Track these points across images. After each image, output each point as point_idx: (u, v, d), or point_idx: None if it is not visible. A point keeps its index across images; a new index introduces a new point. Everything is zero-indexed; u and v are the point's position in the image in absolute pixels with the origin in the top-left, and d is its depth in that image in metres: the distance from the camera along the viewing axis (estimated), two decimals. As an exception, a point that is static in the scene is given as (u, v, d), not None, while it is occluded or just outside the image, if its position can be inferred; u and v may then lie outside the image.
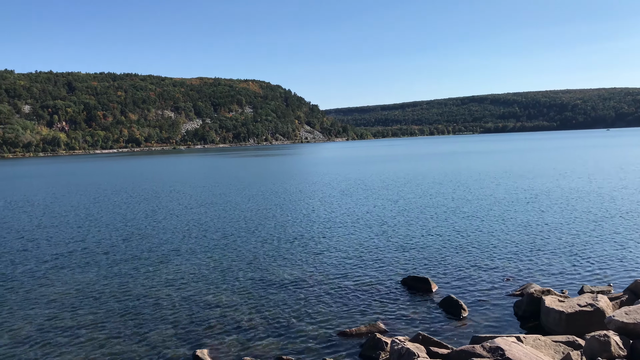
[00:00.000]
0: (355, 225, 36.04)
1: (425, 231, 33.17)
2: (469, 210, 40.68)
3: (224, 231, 35.55)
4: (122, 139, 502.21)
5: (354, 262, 25.92)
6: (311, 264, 25.95)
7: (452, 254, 27.02)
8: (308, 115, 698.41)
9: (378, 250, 28.46)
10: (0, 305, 20.88)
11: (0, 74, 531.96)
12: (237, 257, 27.80)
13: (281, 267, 25.42)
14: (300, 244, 30.74)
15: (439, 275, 23.15)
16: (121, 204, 53.69)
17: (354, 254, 27.77)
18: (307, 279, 23.22)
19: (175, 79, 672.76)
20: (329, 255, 27.65)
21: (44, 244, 33.22)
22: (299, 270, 24.75)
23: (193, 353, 15.44)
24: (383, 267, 24.83)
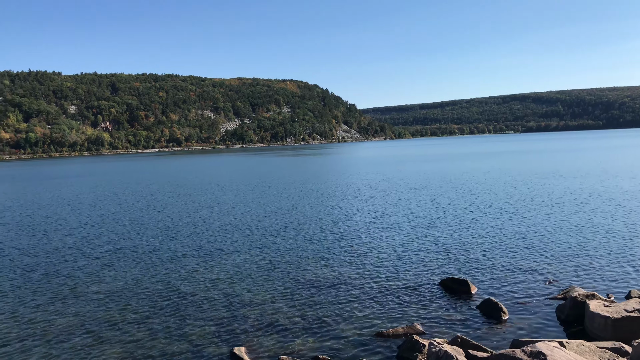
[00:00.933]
0: (394, 226, 35.77)
1: (465, 232, 32.65)
2: (510, 211, 39.82)
3: (265, 230, 35.86)
4: (164, 138, 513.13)
5: (392, 263, 25.74)
6: (349, 264, 25.90)
7: (493, 255, 26.50)
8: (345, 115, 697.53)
9: (416, 251, 28.18)
10: (51, 300, 21.65)
11: (48, 75, 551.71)
12: (276, 256, 27.99)
13: (319, 267, 25.46)
14: (338, 244, 30.73)
15: (478, 277, 22.75)
16: (166, 202, 54.85)
17: (392, 254, 27.58)
18: (345, 279, 23.19)
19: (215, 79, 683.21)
20: (366, 255, 27.54)
21: (92, 241, 34.25)
22: (336, 270, 24.74)
23: (231, 350, 15.62)
24: (421, 268, 24.57)
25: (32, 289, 23.24)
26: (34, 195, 68.94)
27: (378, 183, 67.62)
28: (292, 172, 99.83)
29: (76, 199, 61.53)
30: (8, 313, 20.16)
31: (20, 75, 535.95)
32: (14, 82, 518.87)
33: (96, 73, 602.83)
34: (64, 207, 53.43)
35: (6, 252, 31.39)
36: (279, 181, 76.51)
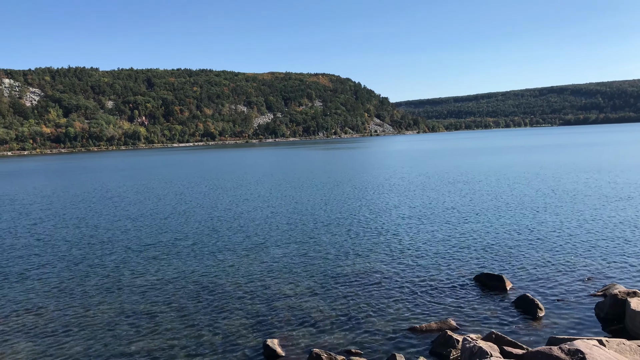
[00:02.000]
0: (428, 220, 35.45)
1: (502, 227, 32.11)
2: (549, 206, 38.97)
3: (300, 224, 36.03)
4: (198, 133, 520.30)
5: (426, 258, 25.54)
6: (382, 258, 25.82)
7: (529, 251, 26.00)
8: (378, 108, 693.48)
9: (451, 246, 27.88)
10: (93, 291, 22.28)
11: (87, 71, 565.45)
12: (310, 250, 28.12)
13: (352, 261, 25.46)
14: (372, 238, 30.65)
15: (514, 273, 22.36)
16: (205, 196, 55.66)
17: (426, 249, 27.36)
18: (378, 274, 23.13)
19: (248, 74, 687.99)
20: (400, 250, 27.40)
21: (135, 234, 35.07)
22: (370, 265, 24.69)
23: (264, 342, 15.78)
24: (455, 263, 24.30)
25: (77, 281, 23.95)
26: (78, 189, 70.90)
27: (413, 177, 67.06)
28: (326, 165, 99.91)
29: (119, 193, 63.03)
30: (55, 303, 20.84)
31: (60, 71, 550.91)
32: (54, 79, 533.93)
33: (132, 68, 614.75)
34: (107, 201, 54.81)
35: (54, 244, 32.42)
36: (314, 175, 76.68)
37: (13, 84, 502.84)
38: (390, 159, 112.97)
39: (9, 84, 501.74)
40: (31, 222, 41.39)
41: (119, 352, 15.95)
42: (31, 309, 20.14)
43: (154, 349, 16.08)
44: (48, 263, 27.36)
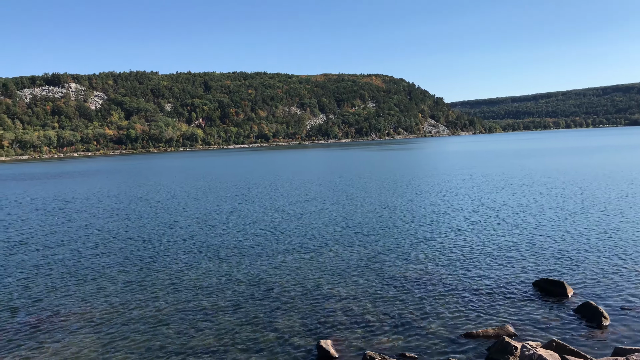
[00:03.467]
0: (488, 223, 34.61)
1: (563, 231, 30.94)
2: (613, 210, 37.23)
3: (352, 226, 36.00)
4: (252, 134, 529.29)
5: (483, 261, 24.94)
6: (438, 261, 25.42)
7: (593, 256, 24.92)
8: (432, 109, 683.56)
9: (510, 249, 27.09)
10: (157, 288, 23.07)
11: (147, 75, 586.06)
12: (363, 252, 28.03)
13: (408, 264, 25.19)
14: (429, 240, 30.23)
15: (575, 280, 21.49)
16: (264, 197, 56.53)
17: (483, 252, 26.72)
18: (434, 277, 22.77)
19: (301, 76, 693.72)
20: (457, 253, 26.88)
21: (191, 232, 36.08)
22: (425, 268, 24.36)
23: (317, 343, 15.83)
24: (514, 268, 23.59)
25: (142, 278, 24.84)
26: (144, 189, 73.60)
27: (473, 179, 65.59)
28: (382, 166, 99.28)
29: (182, 193, 64.96)
30: (120, 299, 21.70)
31: (122, 75, 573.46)
32: (117, 82, 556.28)
33: (190, 72, 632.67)
34: (172, 201, 56.60)
35: (122, 242, 33.77)
36: (370, 176, 76.36)
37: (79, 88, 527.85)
38: (448, 160, 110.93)
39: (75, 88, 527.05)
40: (101, 221, 43.25)
41: (179, 347, 16.42)
42: (99, 303, 21.03)
43: (211, 346, 16.46)
44: (116, 261, 28.50)
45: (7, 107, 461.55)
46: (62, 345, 16.90)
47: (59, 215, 47.18)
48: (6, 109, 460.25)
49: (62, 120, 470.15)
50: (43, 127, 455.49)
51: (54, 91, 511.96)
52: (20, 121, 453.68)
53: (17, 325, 18.88)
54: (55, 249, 31.54)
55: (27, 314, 20.01)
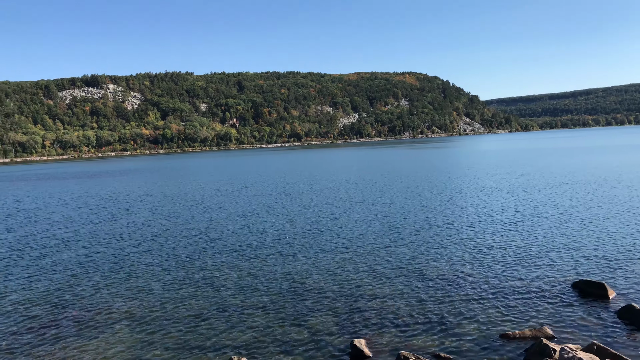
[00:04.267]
0: (525, 222, 33.90)
1: (604, 232, 30.04)
2: (654, 210, 35.95)
3: (388, 226, 35.79)
4: (285, 133, 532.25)
5: (521, 261, 24.44)
6: (475, 261, 25.04)
7: (636, 258, 24.11)
8: (467, 107, 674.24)
9: (548, 250, 26.47)
10: (191, 284, 23.46)
11: (182, 76, 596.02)
12: (399, 251, 27.85)
13: (443, 264, 24.90)
14: (465, 239, 29.82)
15: (617, 281, 20.83)
16: (295, 194, 56.84)
17: (521, 252, 26.18)
18: (469, 277, 22.44)
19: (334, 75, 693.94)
20: (493, 253, 26.42)
21: (228, 230, 36.53)
22: (460, 267, 24.03)
23: (351, 342, 15.79)
24: (552, 269, 23.04)
25: (177, 274, 25.29)
26: (181, 188, 74.94)
27: (509, 177, 64.34)
28: (417, 165, 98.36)
29: (219, 192, 65.89)
30: (156, 294, 22.15)
31: (158, 76, 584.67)
32: (153, 83, 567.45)
33: (224, 72, 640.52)
34: (210, 199, 57.45)
35: (157, 239, 34.48)
36: (405, 174, 75.77)
37: (117, 89, 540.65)
38: (485, 159, 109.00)
39: (113, 89, 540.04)
40: (142, 219, 44.18)
41: (216, 344, 16.65)
42: (139, 301, 21.50)
43: (247, 343, 16.62)
44: (157, 259, 29.09)
45: (49, 108, 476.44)
46: (104, 341, 17.34)
47: (101, 213, 48.44)
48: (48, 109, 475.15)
49: (101, 121, 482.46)
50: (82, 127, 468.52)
51: (92, 92, 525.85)
52: (60, 122, 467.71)
53: (62, 321, 19.47)
54: (98, 247, 32.39)
55: (70, 310, 20.61)
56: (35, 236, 37.22)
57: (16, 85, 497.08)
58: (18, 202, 62.34)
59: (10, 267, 28.08)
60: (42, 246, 33.41)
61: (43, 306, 21.10)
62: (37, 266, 27.91)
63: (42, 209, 53.74)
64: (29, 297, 22.48)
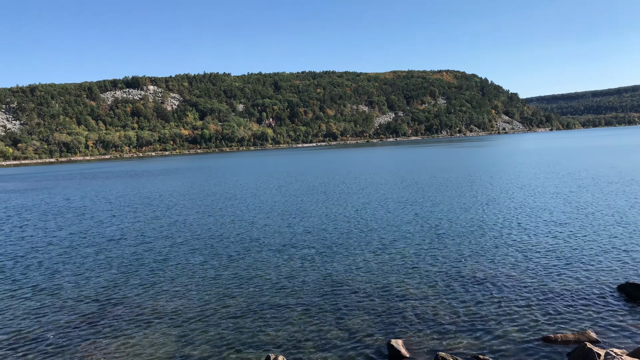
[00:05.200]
0: (570, 223, 33.03)
1: (648, 233, 28.99)
2: None
3: (429, 226, 35.47)
4: (321, 133, 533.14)
5: (565, 263, 23.85)
6: (517, 262, 24.57)
7: (684, 260, 23.19)
8: (506, 105, 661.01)
9: (593, 251, 25.73)
10: (231, 283, 23.83)
11: (220, 77, 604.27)
12: (439, 252, 27.57)
13: (484, 264, 24.54)
14: (507, 240, 29.28)
15: (665, 285, 20.06)
16: (335, 194, 56.93)
17: (565, 253, 25.55)
18: (509, 278, 22.04)
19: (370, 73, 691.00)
20: (536, 254, 25.85)
21: (265, 231, 36.93)
22: (500, 268, 23.63)
23: (388, 342, 15.75)
24: (597, 271, 22.39)
25: (217, 273, 25.72)
26: (222, 187, 76.15)
27: (554, 176, 62.74)
28: (456, 165, 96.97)
29: (256, 190, 66.68)
30: (197, 292, 22.60)
31: (197, 77, 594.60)
32: (192, 84, 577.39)
33: (261, 73, 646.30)
34: (247, 198, 58.21)
35: (199, 238, 35.13)
36: (444, 175, 74.90)
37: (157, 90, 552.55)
38: (528, 158, 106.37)
39: (153, 90, 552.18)
40: (185, 218, 45.06)
41: (251, 340, 16.88)
42: (180, 298, 21.98)
43: (284, 341, 16.79)
44: (199, 258, 29.66)
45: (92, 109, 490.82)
46: (146, 337, 17.81)
47: (146, 212, 49.55)
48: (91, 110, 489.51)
49: (141, 121, 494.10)
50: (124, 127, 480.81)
51: (133, 93, 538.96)
52: (103, 122, 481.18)
53: (107, 317, 20.08)
54: (143, 246, 33.11)
55: (115, 307, 21.22)
56: (84, 234, 38.40)
57: (61, 87, 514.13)
58: (67, 201, 64.43)
59: (60, 264, 29.11)
60: (90, 244, 34.47)
61: (90, 302, 21.79)
62: (85, 264, 28.83)
63: (89, 208, 55.41)
64: (78, 293, 23.25)
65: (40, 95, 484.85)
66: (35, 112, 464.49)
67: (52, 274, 26.80)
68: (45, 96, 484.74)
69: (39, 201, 66.48)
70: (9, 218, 50.21)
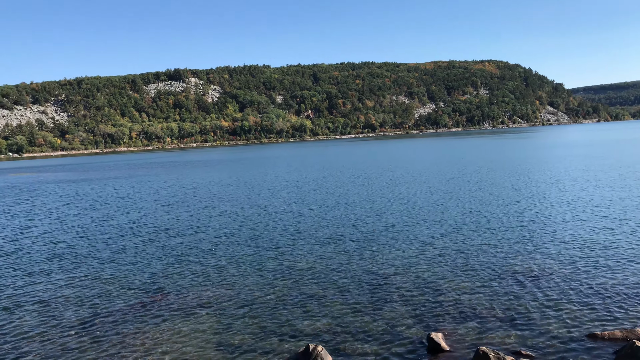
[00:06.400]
0: (620, 216, 31.90)
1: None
2: None
3: (471, 219, 34.95)
4: (359, 124, 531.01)
5: (613, 258, 23.05)
6: (562, 256, 23.90)
7: None
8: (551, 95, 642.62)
9: None
10: (270, 272, 24.12)
11: (259, 69, 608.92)
12: (481, 245, 27.13)
13: (529, 257, 23.99)
14: (553, 233, 28.51)
15: None
16: (379, 186, 56.80)
17: (613, 248, 24.69)
18: (556, 273, 21.46)
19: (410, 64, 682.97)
20: (583, 248, 25.07)
21: (307, 221, 37.15)
22: (543, 262, 23.06)
23: (428, 335, 15.62)
24: (645, 267, 21.59)
25: (259, 262, 26.05)
26: (262, 177, 77.04)
27: (605, 169, 60.65)
28: (499, 157, 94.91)
29: (300, 181, 67.15)
30: (236, 280, 22.97)
31: (237, 69, 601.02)
32: (232, 76, 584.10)
33: (300, 64, 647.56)
34: (291, 189, 58.68)
35: (245, 229, 35.67)
36: (488, 167, 73.56)
37: (198, 83, 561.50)
38: (576, 149, 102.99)
39: (194, 82, 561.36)
40: (231, 208, 45.78)
41: (290, 330, 17.04)
42: (220, 286, 22.39)
43: (321, 330, 16.89)
44: (240, 246, 30.13)
45: (135, 101, 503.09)
46: (188, 325, 18.21)
47: (192, 202, 50.40)
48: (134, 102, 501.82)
49: (183, 113, 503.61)
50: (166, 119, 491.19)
51: (175, 86, 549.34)
52: (146, 114, 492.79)
53: (152, 304, 20.64)
54: (190, 237, 33.56)
55: (160, 294, 21.79)
56: (134, 224, 39.27)
57: (106, 79, 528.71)
58: (115, 191, 66.23)
59: (111, 253, 30.06)
60: (139, 234, 35.27)
61: (137, 290, 22.41)
62: (135, 253, 29.55)
63: (137, 198, 56.76)
64: (126, 281, 23.96)
65: (86, 88, 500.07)
66: (82, 104, 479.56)
67: (103, 262, 27.64)
68: (91, 89, 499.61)
69: (90, 191, 68.73)
70: (63, 207, 52.10)
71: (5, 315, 19.94)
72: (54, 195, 64.22)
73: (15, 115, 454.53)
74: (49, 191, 70.99)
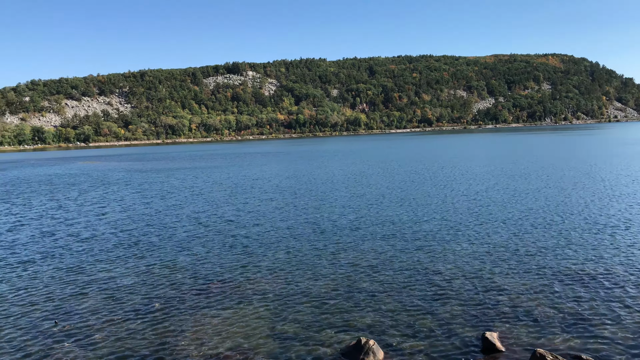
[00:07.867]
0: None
1: None
2: None
3: (530, 218, 34.11)
4: (415, 119, 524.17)
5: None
6: (625, 258, 22.91)
7: None
8: (619, 91, 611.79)
9: None
10: (325, 263, 24.43)
11: (315, 62, 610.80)
12: (540, 244, 26.45)
13: (589, 259, 23.17)
14: (615, 234, 27.40)
15: None
16: (433, 182, 56.28)
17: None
18: (618, 276, 20.61)
19: (469, 57, 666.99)
20: (642, 251, 24.04)
21: (362, 216, 37.30)
22: (610, 264, 22.17)
23: (482, 334, 15.42)
24: None
25: (313, 254, 26.40)
26: (318, 170, 77.74)
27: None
28: (566, 154, 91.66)
29: (354, 176, 67.39)
30: (290, 272, 23.41)
31: (293, 63, 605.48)
32: (288, 70, 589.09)
33: (356, 58, 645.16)
34: (346, 184, 59.04)
35: (302, 218, 36.26)
36: (554, 164, 71.25)
37: (255, 76, 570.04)
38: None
39: (252, 76, 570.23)
40: (288, 200, 46.53)
41: (342, 322, 17.20)
42: (273, 275, 22.89)
43: (373, 324, 16.96)
44: (296, 238, 30.65)
45: (195, 94, 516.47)
46: (238, 313, 18.66)
47: (254, 194, 51.35)
48: (194, 95, 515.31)
49: (240, 106, 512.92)
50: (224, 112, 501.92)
51: (233, 79, 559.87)
52: (205, 106, 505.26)
53: (204, 292, 21.35)
54: (250, 228, 34.42)
55: (213, 282, 22.52)
56: (198, 214, 40.36)
57: (167, 72, 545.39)
58: (181, 181, 68.08)
59: (178, 243, 31.29)
60: (205, 224, 36.29)
61: (198, 278, 23.19)
62: (199, 243, 30.57)
63: (201, 188, 58.33)
64: (190, 269, 24.87)
65: (149, 80, 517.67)
66: (144, 96, 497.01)
67: (169, 251, 28.63)
68: (153, 81, 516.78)
69: (157, 180, 71.39)
70: (133, 195, 54.45)
71: (76, 296, 21.20)
72: (123, 184, 67.10)
73: (83, 106, 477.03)
74: (119, 179, 74.34)
